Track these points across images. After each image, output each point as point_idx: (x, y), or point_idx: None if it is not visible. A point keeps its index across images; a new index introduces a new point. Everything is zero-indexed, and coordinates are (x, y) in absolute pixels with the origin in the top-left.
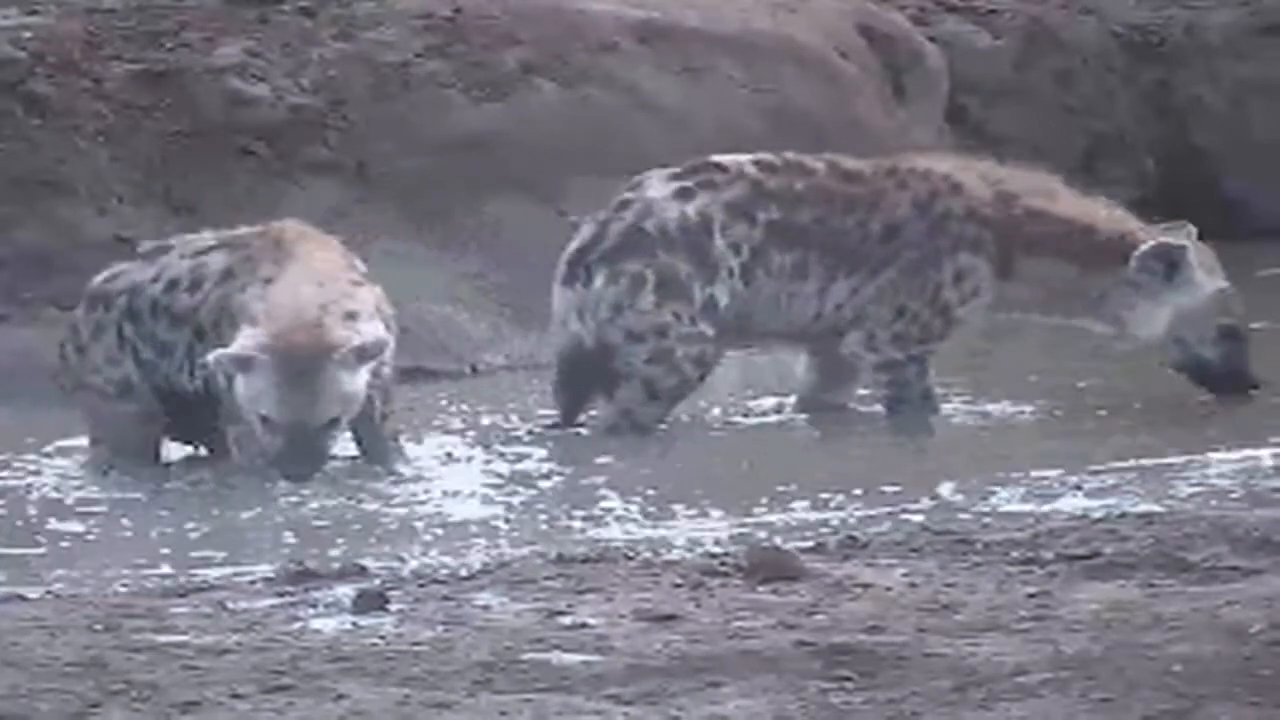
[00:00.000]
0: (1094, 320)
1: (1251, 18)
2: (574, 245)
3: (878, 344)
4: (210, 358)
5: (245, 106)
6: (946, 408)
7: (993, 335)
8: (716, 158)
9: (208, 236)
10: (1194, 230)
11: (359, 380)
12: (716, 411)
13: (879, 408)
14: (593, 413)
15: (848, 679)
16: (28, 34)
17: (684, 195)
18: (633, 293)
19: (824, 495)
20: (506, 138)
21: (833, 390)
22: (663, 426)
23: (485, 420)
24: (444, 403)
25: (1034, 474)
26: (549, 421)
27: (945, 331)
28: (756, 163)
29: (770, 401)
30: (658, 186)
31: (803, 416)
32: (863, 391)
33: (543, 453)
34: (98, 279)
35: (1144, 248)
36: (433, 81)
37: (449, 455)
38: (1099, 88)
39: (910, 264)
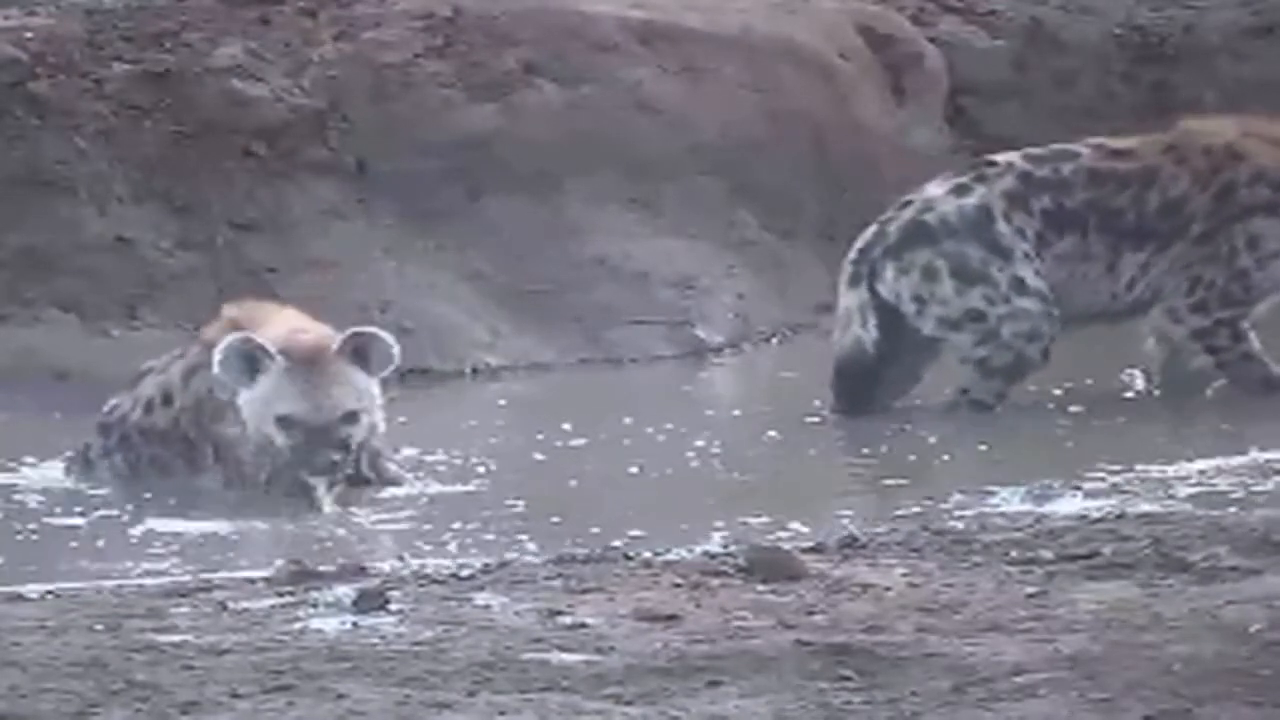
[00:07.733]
0: None
1: (1251, 18)
2: (857, 246)
3: (1180, 315)
4: None
5: (245, 106)
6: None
7: None
8: (988, 156)
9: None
10: None
11: None
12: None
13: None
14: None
15: (848, 679)
16: (28, 34)
17: (961, 190)
18: (929, 282)
19: (825, 496)
20: (506, 138)
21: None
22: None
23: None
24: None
25: (1034, 474)
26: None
27: (1247, 296)
28: (1025, 156)
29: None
30: (934, 186)
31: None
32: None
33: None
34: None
35: None
36: (433, 81)
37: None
38: (1099, 88)
39: (1199, 235)
